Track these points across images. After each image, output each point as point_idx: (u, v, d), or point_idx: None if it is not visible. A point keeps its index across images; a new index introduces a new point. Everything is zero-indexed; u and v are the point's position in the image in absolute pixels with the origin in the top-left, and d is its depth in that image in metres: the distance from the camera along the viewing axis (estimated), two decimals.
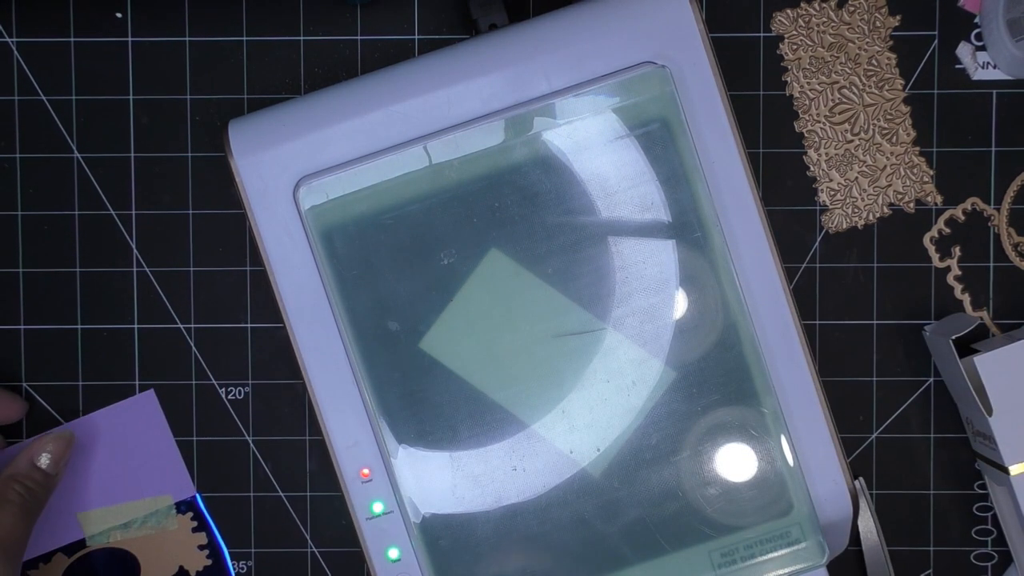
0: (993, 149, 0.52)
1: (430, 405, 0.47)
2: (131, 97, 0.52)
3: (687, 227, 0.47)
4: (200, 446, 0.53)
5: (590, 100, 0.46)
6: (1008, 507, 0.51)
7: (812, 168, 0.52)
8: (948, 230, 0.52)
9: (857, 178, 0.52)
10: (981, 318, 0.52)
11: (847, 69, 0.52)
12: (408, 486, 0.47)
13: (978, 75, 0.52)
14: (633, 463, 0.47)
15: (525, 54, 0.46)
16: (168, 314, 0.53)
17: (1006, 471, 0.49)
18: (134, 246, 0.53)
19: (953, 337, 0.49)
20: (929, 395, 0.53)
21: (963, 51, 0.52)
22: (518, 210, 0.47)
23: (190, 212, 0.53)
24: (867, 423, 0.53)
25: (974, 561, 0.53)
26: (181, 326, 0.53)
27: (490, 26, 0.49)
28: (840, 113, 0.52)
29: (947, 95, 0.52)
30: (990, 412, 0.48)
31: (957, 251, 0.52)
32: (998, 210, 0.52)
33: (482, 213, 0.47)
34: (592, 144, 0.46)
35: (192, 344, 0.53)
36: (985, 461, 0.51)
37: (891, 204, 0.52)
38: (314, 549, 0.53)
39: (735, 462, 0.47)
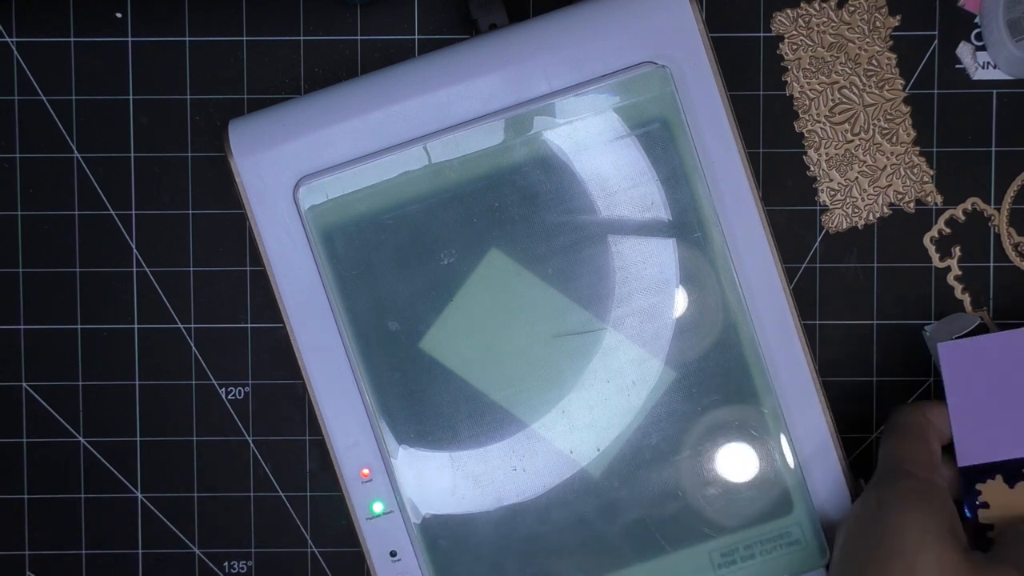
0: (993, 149, 0.52)
1: (430, 405, 0.47)
2: (131, 97, 0.52)
3: (687, 227, 0.47)
4: (200, 446, 0.53)
5: (590, 100, 0.46)
6: None
7: (812, 168, 0.52)
8: (948, 230, 0.52)
9: (857, 178, 0.52)
10: (981, 318, 0.52)
11: (847, 69, 0.52)
12: (408, 486, 0.47)
13: (978, 75, 0.52)
14: (633, 463, 0.47)
15: (525, 54, 0.46)
16: (168, 314, 0.53)
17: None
18: (134, 246, 0.53)
19: (953, 337, 0.49)
20: (929, 395, 0.52)
21: (963, 51, 0.52)
22: (518, 210, 0.47)
23: (190, 212, 0.53)
24: (867, 423, 0.53)
25: None
26: (181, 326, 0.53)
27: (490, 26, 0.49)
28: (840, 113, 0.52)
29: (947, 95, 0.52)
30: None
31: (957, 251, 0.52)
32: (998, 210, 0.52)
33: (482, 213, 0.47)
34: (592, 144, 0.46)
35: (192, 344, 0.53)
36: None
37: (891, 204, 0.52)
38: (314, 549, 0.53)
39: (735, 462, 0.47)
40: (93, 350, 0.53)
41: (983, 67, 0.52)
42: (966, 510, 0.47)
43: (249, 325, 0.53)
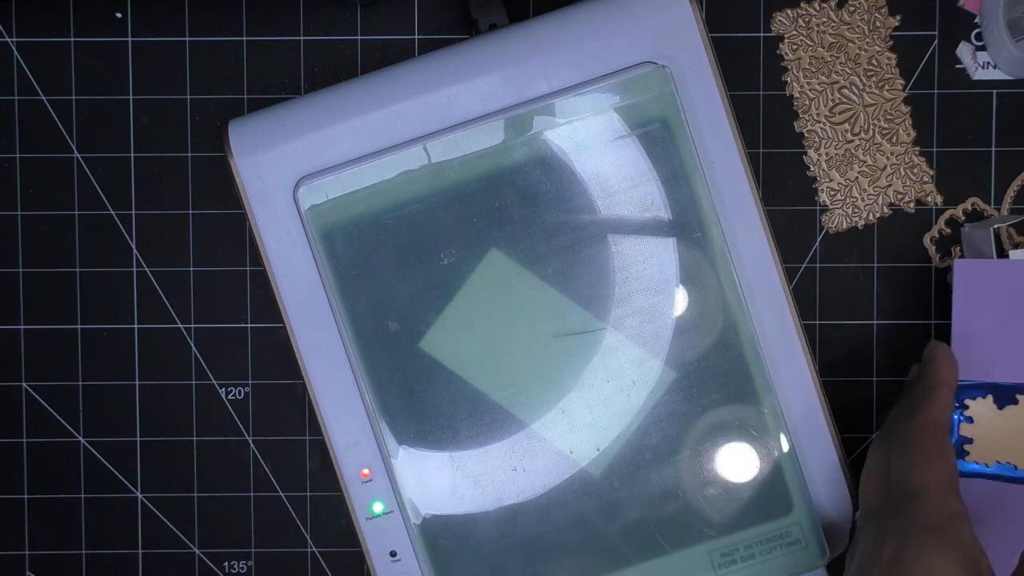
0: (993, 149, 0.52)
1: (430, 405, 0.47)
2: (131, 97, 0.52)
3: (687, 227, 0.47)
4: (200, 446, 0.53)
5: (590, 100, 0.46)
6: None
7: (812, 168, 0.52)
8: (948, 230, 0.52)
9: (857, 178, 0.52)
10: None
11: (847, 69, 0.52)
12: (408, 486, 0.47)
13: (978, 75, 0.52)
14: (633, 463, 0.47)
15: (525, 54, 0.46)
16: (168, 314, 0.53)
17: None
18: (134, 246, 0.53)
19: (995, 226, 0.49)
20: None
21: (963, 51, 0.52)
22: (518, 210, 0.47)
23: (190, 212, 0.53)
24: (867, 423, 0.53)
25: None
26: (181, 326, 0.53)
27: (490, 26, 0.49)
28: (840, 113, 0.52)
29: (947, 95, 0.52)
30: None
31: (957, 251, 0.52)
32: (998, 210, 0.52)
33: (482, 213, 0.47)
34: (592, 144, 0.46)
35: (192, 344, 0.53)
36: None
37: (891, 204, 0.52)
38: (314, 549, 0.53)
39: (735, 462, 0.47)
40: (93, 350, 0.53)
41: (983, 67, 0.52)
42: (953, 422, 0.48)
43: (249, 325, 0.53)
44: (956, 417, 0.48)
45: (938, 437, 0.44)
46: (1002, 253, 0.51)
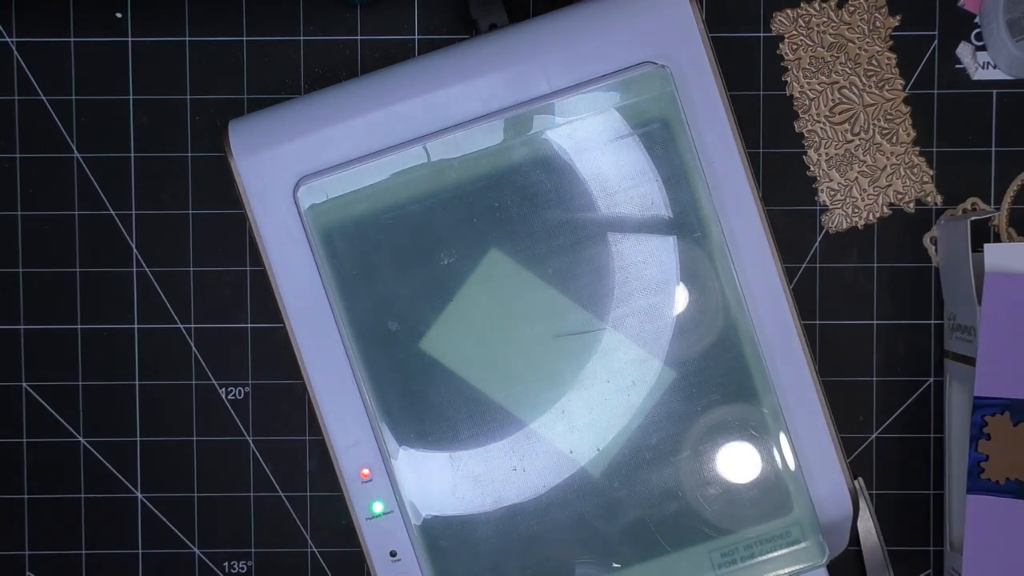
0: (993, 149, 0.52)
1: (430, 405, 0.47)
2: (131, 97, 0.52)
3: (687, 227, 0.47)
4: (200, 446, 0.53)
5: (590, 100, 0.46)
6: (960, 405, 0.51)
7: (812, 168, 0.52)
8: None
9: (857, 178, 0.52)
10: None
11: (847, 69, 0.52)
12: (408, 486, 0.47)
13: (978, 75, 0.52)
14: (633, 463, 0.47)
15: (525, 54, 0.46)
16: (168, 314, 0.53)
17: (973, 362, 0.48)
18: (134, 246, 0.53)
19: (972, 219, 0.49)
20: (929, 395, 0.53)
21: (963, 51, 0.52)
22: (518, 210, 0.47)
23: (190, 212, 0.53)
24: (867, 423, 0.53)
25: None
26: (181, 326, 0.53)
27: (490, 26, 0.49)
28: (840, 113, 0.52)
29: (947, 95, 0.52)
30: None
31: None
32: (998, 210, 0.52)
33: (482, 213, 0.47)
34: (592, 144, 0.46)
35: (192, 344, 0.53)
36: (955, 358, 0.50)
37: (891, 204, 0.52)
38: (314, 549, 0.53)
39: (735, 462, 0.47)
40: (93, 350, 0.53)
41: (983, 67, 0.52)
42: (970, 439, 0.48)
43: (249, 325, 0.53)
44: (975, 434, 0.47)
45: None
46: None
